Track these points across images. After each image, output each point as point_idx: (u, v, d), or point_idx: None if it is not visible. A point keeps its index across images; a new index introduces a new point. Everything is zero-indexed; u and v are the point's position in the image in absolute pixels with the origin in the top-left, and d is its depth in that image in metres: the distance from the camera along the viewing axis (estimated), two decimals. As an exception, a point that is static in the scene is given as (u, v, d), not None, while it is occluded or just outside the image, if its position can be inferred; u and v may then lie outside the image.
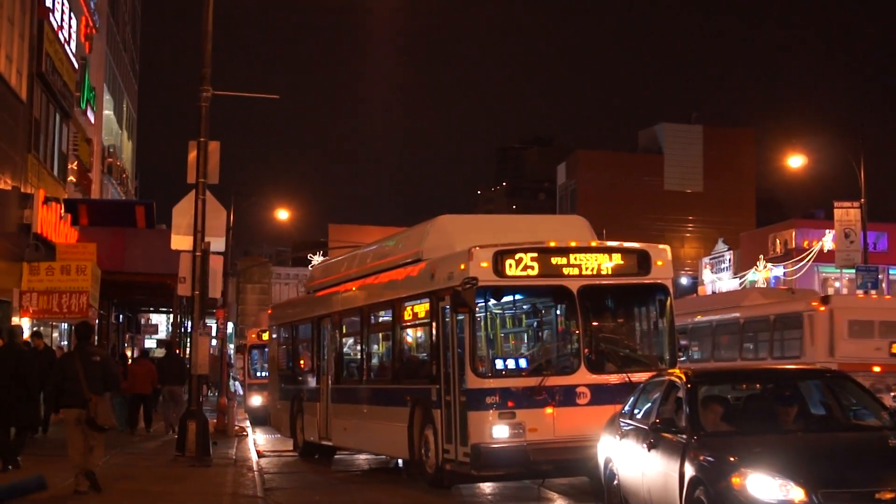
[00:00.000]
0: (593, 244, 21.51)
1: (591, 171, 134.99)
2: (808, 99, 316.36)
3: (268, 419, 46.82)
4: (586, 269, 20.78)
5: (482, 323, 20.54)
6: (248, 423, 44.22)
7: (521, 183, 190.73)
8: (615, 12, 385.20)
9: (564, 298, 20.85)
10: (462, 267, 20.36)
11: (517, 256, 20.39)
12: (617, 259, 21.14)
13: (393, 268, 25.37)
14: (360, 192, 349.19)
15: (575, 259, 20.80)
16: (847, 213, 51.96)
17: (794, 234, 75.76)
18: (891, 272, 74.35)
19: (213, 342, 49.27)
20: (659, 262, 21.41)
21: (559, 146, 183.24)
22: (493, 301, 21.01)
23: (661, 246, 22.10)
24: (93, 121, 50.03)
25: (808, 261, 69.89)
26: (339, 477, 26.31)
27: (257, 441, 36.65)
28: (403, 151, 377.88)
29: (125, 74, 66.25)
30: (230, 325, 72.52)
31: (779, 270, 73.59)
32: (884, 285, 69.90)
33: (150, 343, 78.32)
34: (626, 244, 21.93)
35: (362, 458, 30.08)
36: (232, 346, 76.79)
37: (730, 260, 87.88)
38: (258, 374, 50.90)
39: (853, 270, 54.13)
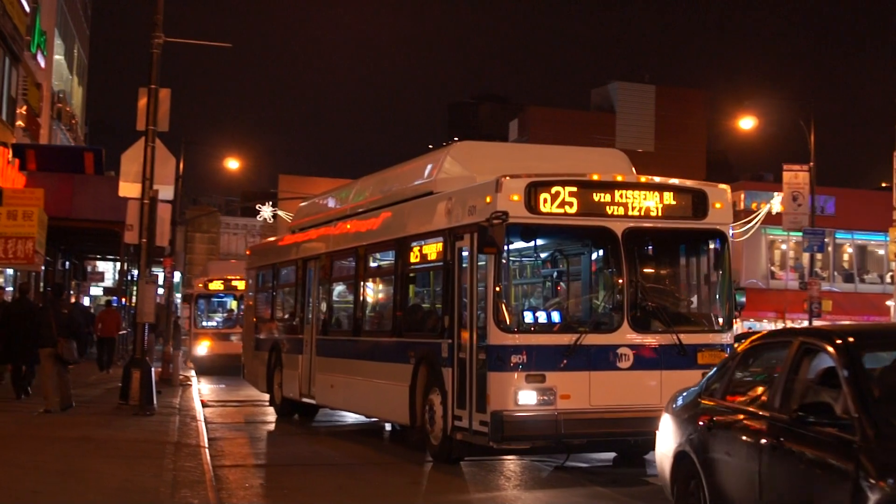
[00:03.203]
0: (642, 180, 18.55)
1: (543, 128, 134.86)
2: (760, 62, 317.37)
3: (214, 369, 47.04)
4: (633, 208, 17.96)
5: (509, 268, 17.98)
6: (192, 372, 44.16)
7: (472, 139, 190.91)
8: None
9: (607, 242, 18.01)
10: (488, 200, 17.53)
11: (554, 190, 17.50)
12: (669, 198, 18.29)
13: (398, 202, 22.43)
14: (312, 143, 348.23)
15: (621, 196, 17.92)
16: (796, 176, 52.16)
17: (742, 195, 75.85)
18: (837, 236, 74.81)
19: (160, 291, 49.10)
20: (717, 205, 18.59)
21: (512, 103, 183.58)
22: (522, 242, 18.46)
23: (720, 186, 19.13)
24: (43, 65, 49.49)
25: (756, 223, 70.09)
26: (287, 430, 26.13)
27: (202, 391, 36.63)
28: (355, 105, 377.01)
29: (77, 19, 65.48)
30: (177, 274, 72.16)
31: (727, 232, 73.88)
32: (829, 249, 70.41)
33: (96, 290, 77.94)
34: (681, 181, 19.02)
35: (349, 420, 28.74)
36: (179, 294, 76.54)
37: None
38: (204, 323, 50.85)
39: (800, 233, 54.44)
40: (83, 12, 69.60)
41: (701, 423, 11.94)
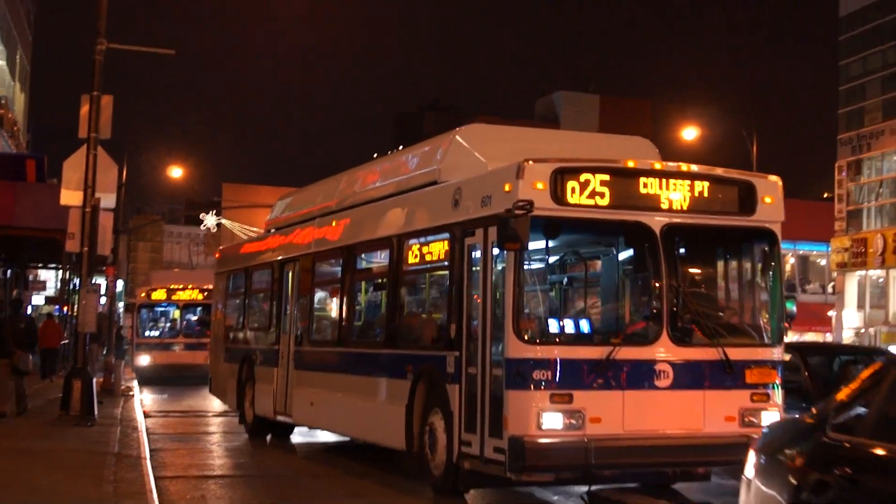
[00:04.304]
0: (683, 168, 15.90)
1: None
2: (704, 73, 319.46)
3: (157, 379, 46.70)
4: (673, 201, 15.49)
5: (531, 268, 15.61)
6: (135, 382, 43.88)
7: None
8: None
9: (643, 240, 15.52)
10: (507, 188, 14.99)
11: (583, 178, 14.99)
12: (714, 191, 15.83)
13: (394, 194, 19.81)
14: (257, 152, 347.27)
15: (660, 187, 15.47)
16: (739, 186, 52.34)
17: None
18: (779, 246, 75.49)
19: (102, 300, 48.78)
20: (767, 199, 16.06)
21: (457, 112, 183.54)
22: (545, 239, 15.93)
23: (771, 177, 16.45)
24: (-16, 72, 49.16)
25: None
26: (232, 441, 25.67)
27: (144, 401, 36.39)
28: (301, 114, 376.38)
29: (20, 25, 65.11)
30: (120, 283, 71.76)
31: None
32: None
33: (38, 299, 77.39)
34: (726, 171, 16.40)
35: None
36: (121, 304, 76.11)
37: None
38: (147, 333, 50.55)
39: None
40: (26, 18, 69.22)
41: (836, 472, 8.02)
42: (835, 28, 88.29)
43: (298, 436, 26.15)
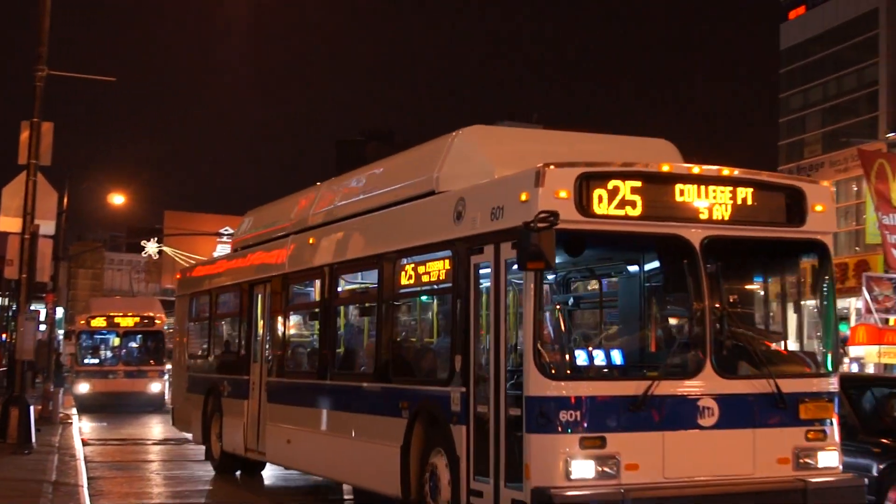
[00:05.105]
0: (725, 172, 13.81)
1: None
2: (647, 104, 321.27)
3: (97, 407, 46.35)
4: (715, 211, 13.46)
5: (553, 291, 14.20)
6: (74, 410, 43.56)
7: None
8: (458, 8, 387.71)
9: (681, 256, 13.40)
10: (523, 197, 12.93)
11: (612, 184, 12.92)
12: (759, 198, 13.82)
13: (384, 206, 17.53)
14: (198, 180, 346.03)
15: (699, 195, 13.44)
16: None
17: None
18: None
19: (42, 327, 48.42)
20: (818, 207, 14.05)
21: (399, 140, 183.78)
22: (568, 256, 13.98)
23: (823, 183, 14.78)
24: (-77, 97, 48.85)
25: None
26: (171, 468, 25.54)
27: (83, 429, 36.13)
28: (243, 141, 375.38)
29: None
30: (60, 311, 71.28)
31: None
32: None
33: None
34: (770, 175, 14.51)
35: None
36: (61, 331, 75.56)
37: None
38: (87, 360, 50.23)
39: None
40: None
41: None
42: (775, 61, 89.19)
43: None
